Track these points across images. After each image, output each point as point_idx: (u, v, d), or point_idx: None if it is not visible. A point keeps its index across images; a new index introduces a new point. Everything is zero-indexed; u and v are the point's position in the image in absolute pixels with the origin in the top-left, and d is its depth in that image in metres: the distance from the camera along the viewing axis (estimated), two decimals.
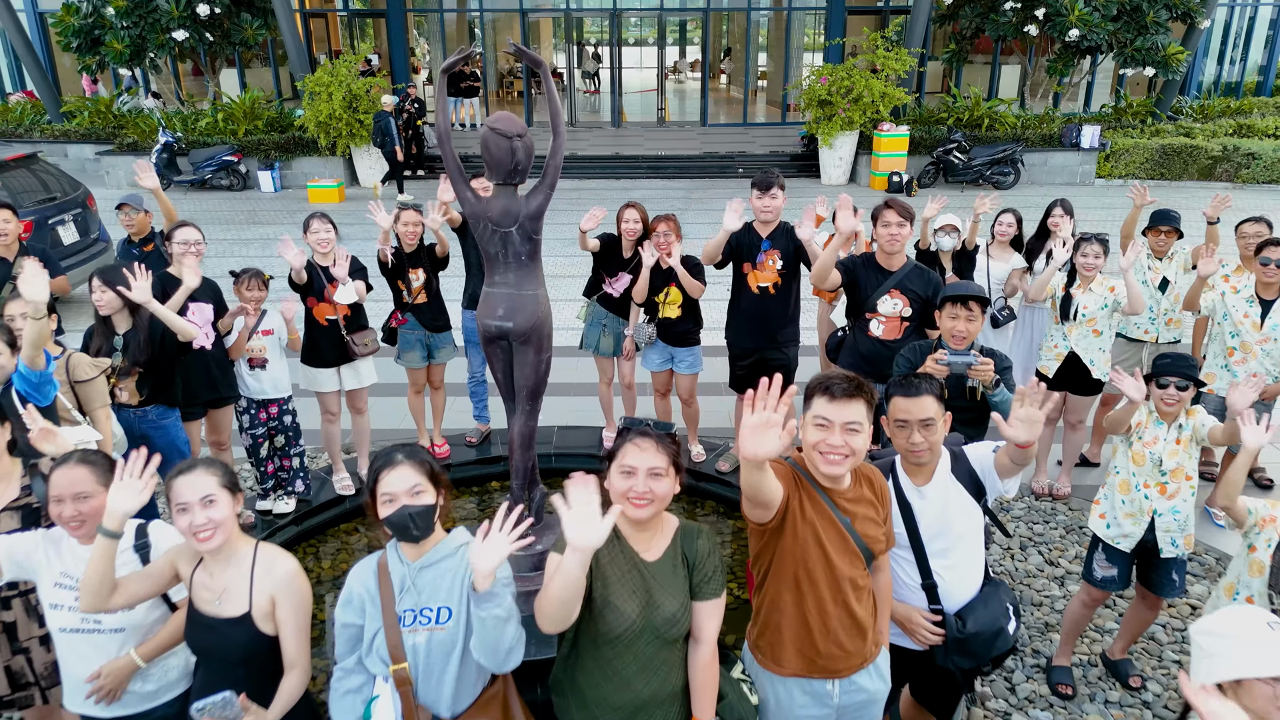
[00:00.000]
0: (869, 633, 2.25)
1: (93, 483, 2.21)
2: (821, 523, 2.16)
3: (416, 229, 4.90)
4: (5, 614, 2.48)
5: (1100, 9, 14.88)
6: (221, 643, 2.09)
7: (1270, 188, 14.51)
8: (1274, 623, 1.72)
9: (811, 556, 2.15)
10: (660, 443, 2.06)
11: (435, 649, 2.06)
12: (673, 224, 4.82)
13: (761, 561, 2.25)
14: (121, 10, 14.71)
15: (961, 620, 2.45)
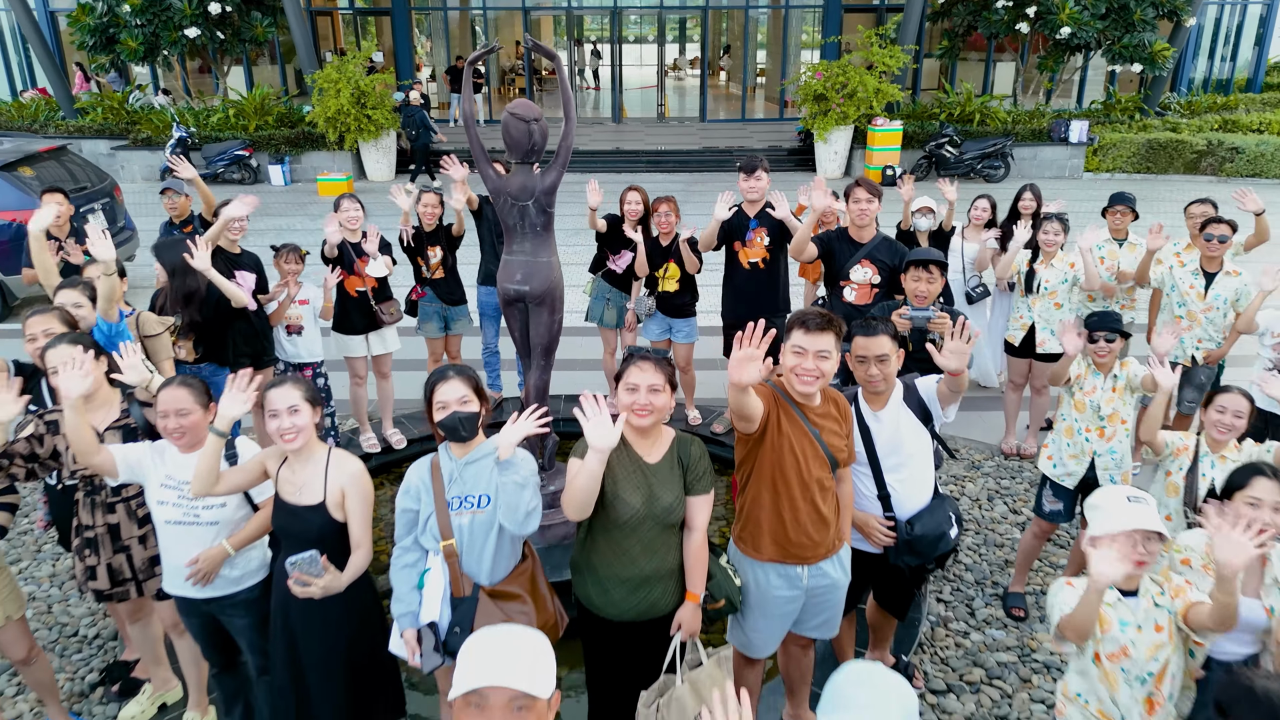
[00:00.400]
0: (832, 528, 2.70)
1: (191, 401, 2.67)
2: (795, 433, 2.61)
3: (436, 210, 5.35)
4: (110, 517, 2.93)
5: (1089, 7, 15.32)
6: (301, 525, 2.55)
7: (1253, 181, 14.94)
8: (1133, 497, 2.25)
9: (786, 461, 2.60)
10: (658, 364, 2.51)
11: (477, 528, 2.51)
12: (672, 205, 5.27)
13: (745, 467, 2.70)
14: (136, 9, 15.15)
15: (910, 525, 2.91)
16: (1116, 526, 2.23)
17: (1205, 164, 15.34)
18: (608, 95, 22.29)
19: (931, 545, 2.89)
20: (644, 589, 2.54)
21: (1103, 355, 3.65)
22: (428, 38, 24.29)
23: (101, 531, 2.92)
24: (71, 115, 17.29)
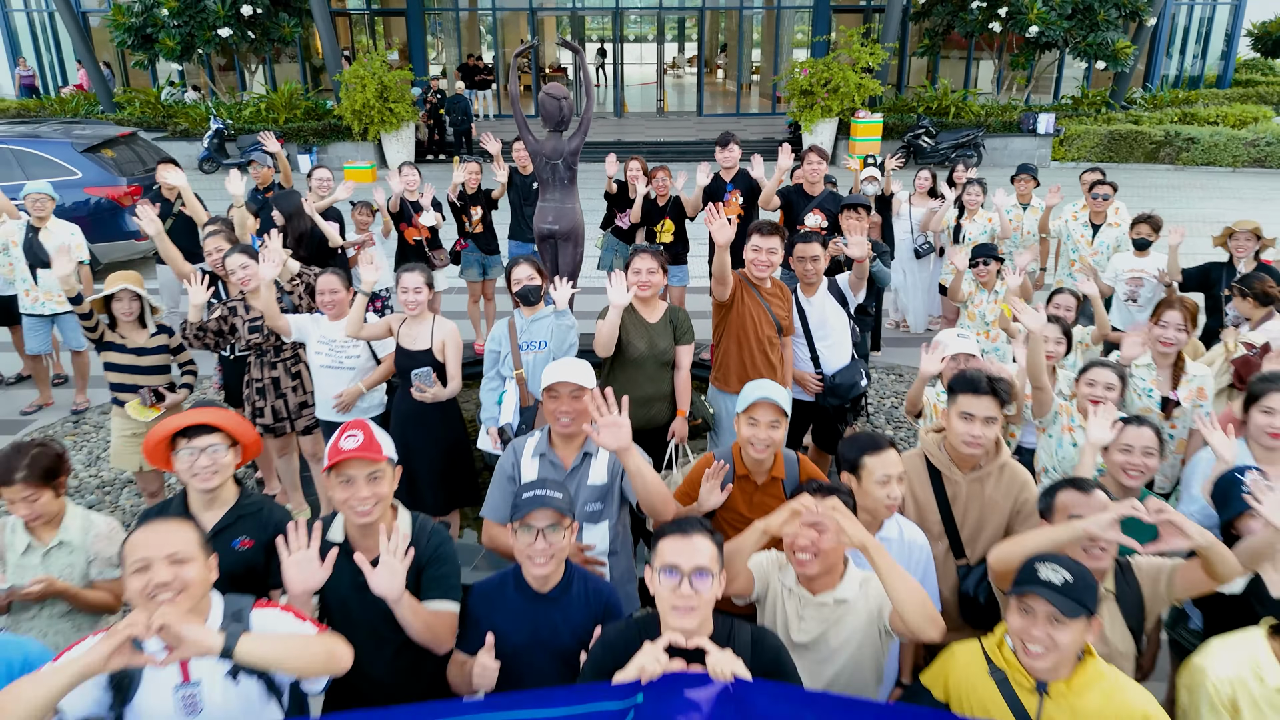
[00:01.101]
0: (778, 372, 3.94)
1: (339, 284, 3.92)
2: (753, 304, 3.86)
3: (477, 177, 6.58)
4: (273, 372, 4.16)
5: (1056, 8, 16.56)
6: (415, 363, 3.78)
7: (1207, 169, 16.18)
8: (962, 334, 3.48)
9: (746, 322, 3.84)
10: (654, 254, 3.74)
11: (538, 363, 3.73)
12: (666, 172, 6.49)
13: (720, 328, 3.95)
14: (174, 10, 16.39)
15: (833, 378, 4.15)
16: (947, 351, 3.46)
17: (1163, 153, 16.58)
18: (609, 91, 23.51)
19: (847, 391, 4.12)
20: (647, 406, 3.77)
21: (983, 276, 4.89)
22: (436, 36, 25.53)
23: (268, 383, 4.16)
24: (110, 109, 18.53)
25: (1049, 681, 1.92)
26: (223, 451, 2.45)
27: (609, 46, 25.15)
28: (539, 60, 23.52)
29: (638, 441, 2.59)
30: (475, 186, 6.58)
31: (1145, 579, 2.30)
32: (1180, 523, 2.10)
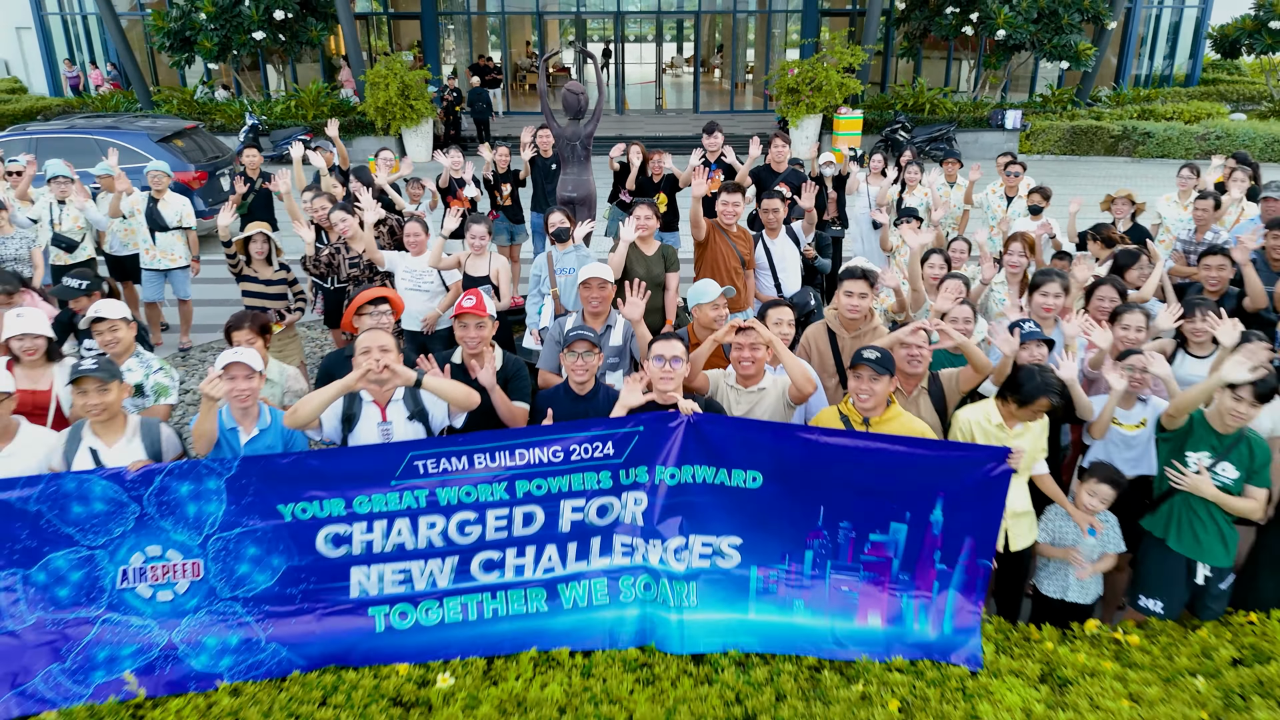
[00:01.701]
0: (742, 297, 5.37)
1: (419, 229, 5.36)
2: (722, 242, 5.29)
3: (506, 159, 8.02)
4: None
5: (1022, 13, 18.00)
6: (476, 284, 5.22)
7: (1161, 161, 17.60)
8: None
9: (718, 256, 5.28)
10: (651, 206, 5.17)
11: (568, 283, 5.16)
12: (661, 154, 7.92)
13: (699, 263, 5.38)
14: (211, 15, 17.82)
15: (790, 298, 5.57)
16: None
17: (1121, 147, 18.02)
18: (611, 89, 24.93)
19: (800, 308, 5.55)
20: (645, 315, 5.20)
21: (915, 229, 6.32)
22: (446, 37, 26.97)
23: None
24: (148, 106, 19.94)
25: (870, 417, 3.35)
26: (389, 315, 3.90)
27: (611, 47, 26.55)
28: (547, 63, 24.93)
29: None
30: (505, 167, 8.01)
31: (945, 380, 3.73)
32: (949, 331, 3.58)
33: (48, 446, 3.37)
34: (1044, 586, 3.70)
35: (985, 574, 3.31)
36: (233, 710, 3.08)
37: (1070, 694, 3.11)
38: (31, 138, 10.87)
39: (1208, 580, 3.47)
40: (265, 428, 3.51)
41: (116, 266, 7.73)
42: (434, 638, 3.37)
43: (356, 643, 3.35)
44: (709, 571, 3.41)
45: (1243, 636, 3.40)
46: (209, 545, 3.25)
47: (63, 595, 3.22)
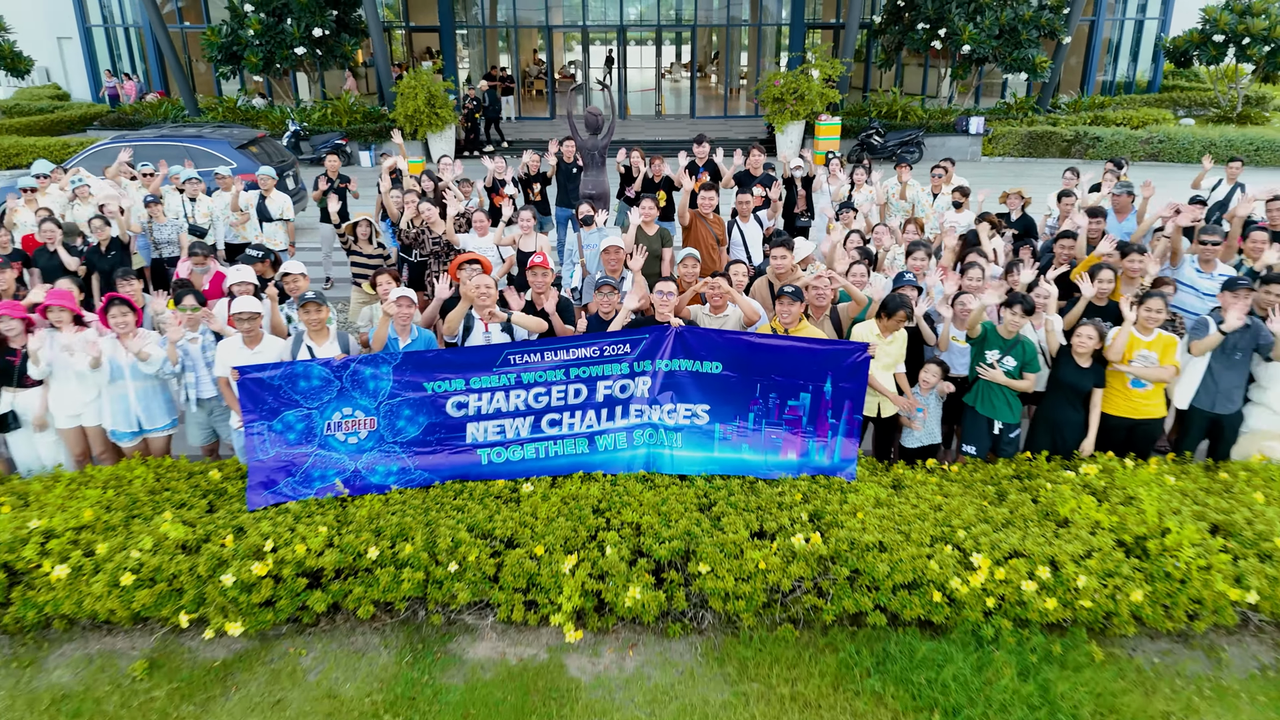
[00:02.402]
0: (718, 265, 7.40)
1: (484, 217, 7.40)
2: (702, 226, 7.33)
3: (535, 162, 10.05)
4: (441, 267, 7.62)
5: (985, 29, 20.03)
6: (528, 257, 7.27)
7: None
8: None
9: (699, 236, 7.31)
10: (653, 199, 7.20)
11: (592, 255, 7.20)
12: (661, 159, 9.95)
13: (685, 240, 7.42)
14: (258, 32, 19.86)
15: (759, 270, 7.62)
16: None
17: (1074, 150, 20.04)
18: (614, 95, 26.95)
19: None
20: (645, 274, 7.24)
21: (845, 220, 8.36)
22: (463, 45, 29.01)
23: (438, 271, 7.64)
24: (195, 113, 21.97)
25: (789, 328, 5.39)
26: (480, 271, 5.93)
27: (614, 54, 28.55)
28: (552, 70, 26.99)
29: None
30: (535, 169, 10.05)
31: (841, 310, 5.77)
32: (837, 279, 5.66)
33: (281, 346, 5.41)
34: (904, 441, 5.73)
35: (859, 424, 5.34)
36: (400, 500, 5.13)
37: (905, 492, 5.16)
38: (133, 145, 12.88)
39: (1001, 432, 5.50)
40: (415, 338, 5.54)
41: (229, 252, 9.75)
42: (518, 468, 5.41)
43: (470, 470, 5.39)
44: (688, 427, 5.45)
45: (1021, 466, 5.45)
46: (380, 408, 5.29)
47: (291, 438, 5.25)
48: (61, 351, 5.37)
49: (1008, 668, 4.50)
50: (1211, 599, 4.60)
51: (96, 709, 4.52)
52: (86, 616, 4.80)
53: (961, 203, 9.06)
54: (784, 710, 4.43)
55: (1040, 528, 4.86)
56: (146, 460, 5.54)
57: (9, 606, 4.80)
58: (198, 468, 5.53)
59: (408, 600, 4.87)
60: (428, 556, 4.72)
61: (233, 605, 4.67)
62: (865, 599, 4.66)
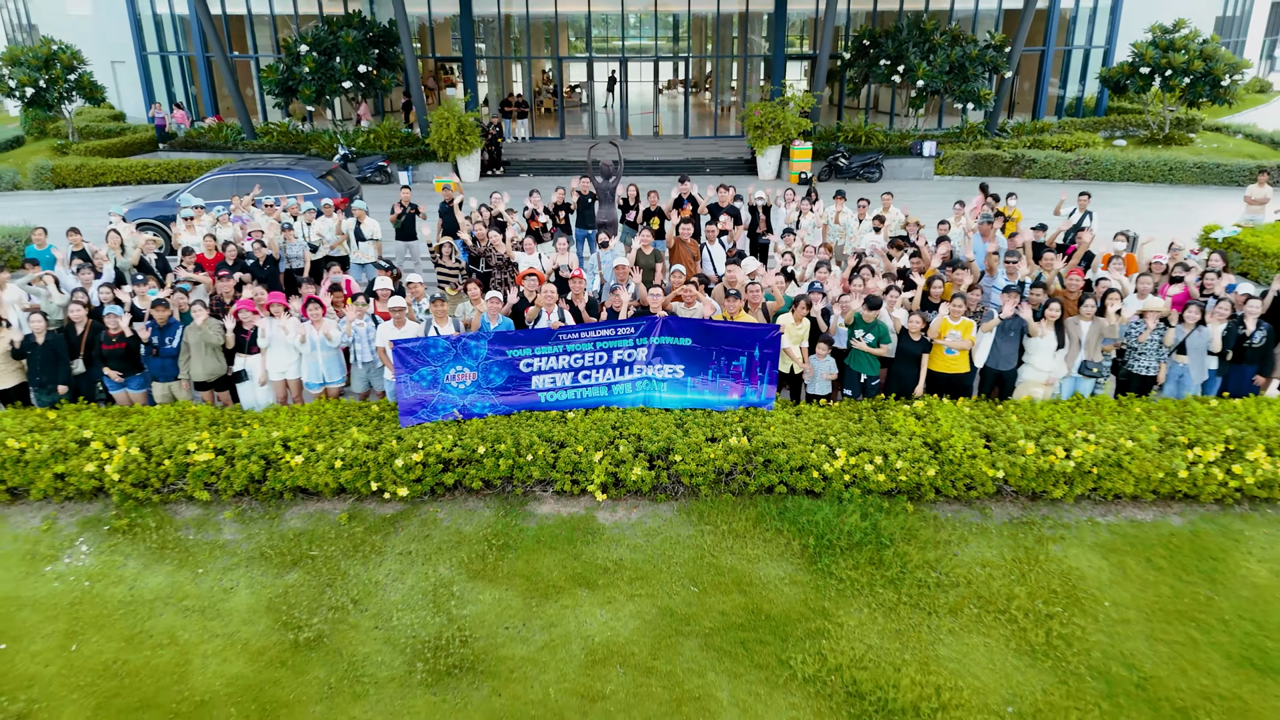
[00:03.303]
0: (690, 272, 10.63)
1: (531, 241, 10.64)
2: (681, 247, 10.57)
3: (561, 195, 13.31)
4: (502, 275, 10.84)
5: (937, 66, 23.27)
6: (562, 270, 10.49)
7: (1044, 181, 22.84)
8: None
9: (681, 255, 10.55)
10: (649, 230, 10.42)
11: (608, 268, 10.43)
12: (655, 193, 13.20)
13: (670, 258, 10.66)
14: (312, 70, 23.10)
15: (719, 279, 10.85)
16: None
17: (1014, 169, 23.28)
18: (617, 116, 30.19)
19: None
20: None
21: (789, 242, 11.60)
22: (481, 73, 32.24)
23: (500, 280, 10.87)
24: (251, 137, 25.22)
25: (735, 317, 8.63)
26: (537, 280, 9.14)
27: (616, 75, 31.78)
28: (562, 86, 30.27)
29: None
30: (561, 200, 13.29)
31: (769, 306, 9.00)
32: (760, 287, 8.92)
33: (417, 328, 8.66)
34: (808, 390, 8.97)
35: (776, 376, 8.57)
36: (494, 421, 8.38)
37: (802, 417, 8.42)
38: (234, 176, 16.11)
39: (865, 381, 8.75)
40: (500, 323, 8.80)
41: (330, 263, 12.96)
42: (563, 403, 8.65)
43: (534, 405, 8.63)
44: (670, 379, 8.69)
45: (877, 403, 8.71)
46: (479, 366, 8.52)
47: (424, 385, 8.48)
48: (278, 330, 8.62)
49: (854, 514, 7.75)
50: (978, 475, 7.85)
51: (319, 539, 7.78)
52: (311, 488, 8.06)
53: (879, 227, 12.30)
54: (723, 539, 7.68)
55: (880, 435, 8.11)
56: (328, 400, 8.80)
57: (263, 483, 8.05)
58: (363, 405, 8.78)
59: (501, 479, 8.12)
60: (513, 452, 7.97)
61: (399, 480, 7.92)
62: (773, 477, 7.92)
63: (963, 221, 12.32)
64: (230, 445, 7.98)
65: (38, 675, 6.49)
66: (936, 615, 6.87)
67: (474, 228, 11.13)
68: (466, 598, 7.13)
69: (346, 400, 8.92)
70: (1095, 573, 7.39)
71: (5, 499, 8.27)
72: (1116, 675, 6.30)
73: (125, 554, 7.73)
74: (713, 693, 6.18)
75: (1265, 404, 8.44)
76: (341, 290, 9.34)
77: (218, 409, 8.65)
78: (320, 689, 6.32)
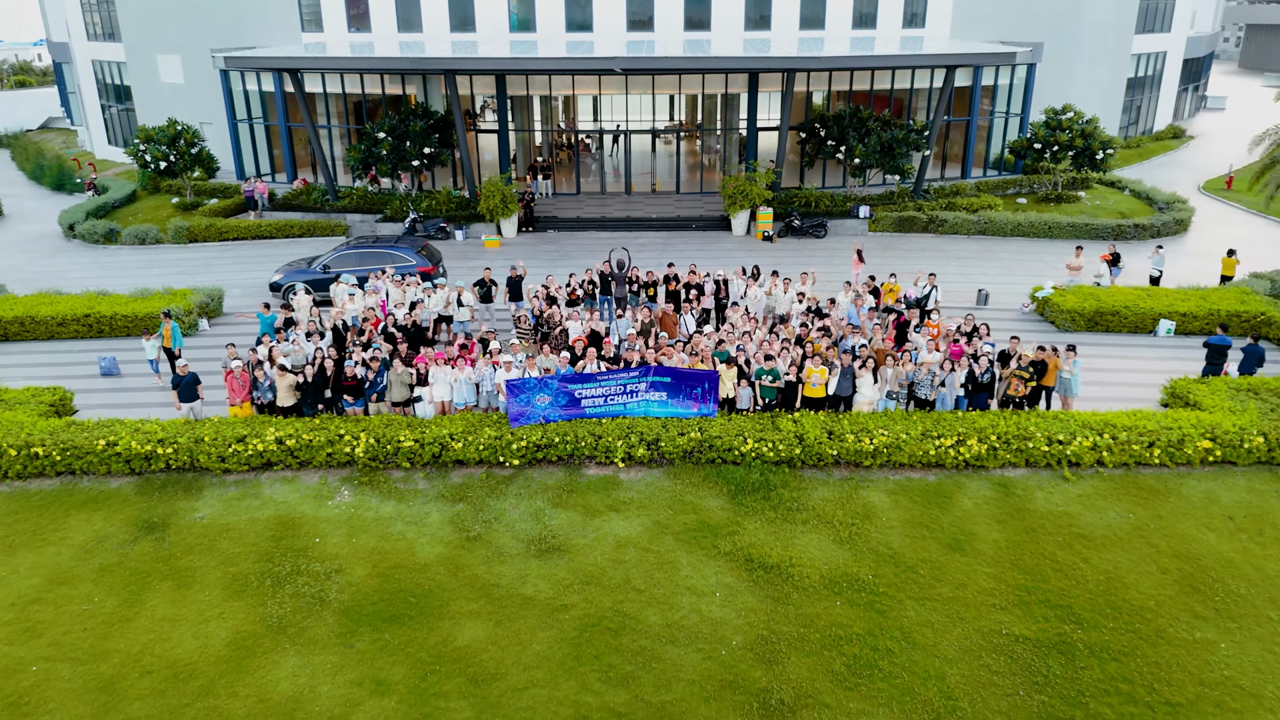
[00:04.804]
0: (672, 334, 17.44)
1: (571, 311, 17.48)
2: (667, 317, 17.44)
3: (590, 273, 20.18)
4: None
5: (871, 147, 30.08)
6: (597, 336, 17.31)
7: (953, 237, 29.61)
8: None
9: (666, 323, 17.42)
10: (649, 301, 17.23)
11: (624, 334, 17.26)
12: (652, 271, 20.04)
13: (659, 322, 17.52)
14: (388, 151, 29.95)
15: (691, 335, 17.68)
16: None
17: (930, 227, 30.08)
18: (622, 176, 37.01)
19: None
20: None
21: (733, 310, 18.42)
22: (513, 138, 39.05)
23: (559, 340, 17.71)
24: (335, 199, 32.00)
25: (693, 366, 15.54)
26: (583, 341, 15.97)
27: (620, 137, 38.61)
28: (577, 149, 37.22)
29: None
30: (590, 277, 20.14)
31: (714, 360, 15.83)
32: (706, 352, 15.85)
33: (519, 371, 15.53)
34: (737, 406, 15.78)
35: (717, 398, 15.41)
36: (560, 425, 15.26)
37: (732, 421, 15.30)
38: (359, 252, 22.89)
39: (767, 402, 15.61)
40: (567, 368, 15.65)
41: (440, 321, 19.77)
42: (599, 415, 15.52)
43: (583, 415, 15.50)
44: (658, 400, 15.50)
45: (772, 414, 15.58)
46: (552, 393, 15.36)
47: (523, 403, 15.32)
48: (439, 372, 15.48)
49: (756, 474, 14.62)
50: (824, 453, 14.70)
51: (471, 487, 14.67)
52: (466, 461, 14.94)
53: (803, 293, 19.15)
54: (687, 487, 14.54)
55: (772, 431, 14.95)
56: (469, 413, 15.66)
57: (439, 458, 14.91)
58: (486, 415, 15.62)
59: (567, 455, 15.01)
60: (573, 440, 14.84)
61: (511, 455, 14.80)
62: (713, 454, 14.80)
63: (849, 294, 19.13)
64: (419, 437, 14.84)
65: (338, 552, 13.36)
66: (794, 525, 13.75)
67: (539, 303, 17.96)
68: (551, 516, 14.01)
69: (478, 413, 15.78)
70: (881, 504, 14.26)
71: (295, 466, 15.13)
72: (881, 553, 13.19)
73: (368, 495, 14.61)
74: (679, 560, 13.08)
75: (983, 415, 15.28)
76: (467, 347, 16.15)
77: (407, 417, 15.51)
78: (481, 559, 13.19)
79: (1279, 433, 14.61)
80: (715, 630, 11.93)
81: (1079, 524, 13.86)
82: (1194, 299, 21.01)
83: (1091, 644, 11.81)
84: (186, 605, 12.64)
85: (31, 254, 29.28)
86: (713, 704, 10.89)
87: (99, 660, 11.75)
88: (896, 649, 11.69)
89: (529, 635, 11.91)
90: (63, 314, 20.67)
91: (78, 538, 13.87)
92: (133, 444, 14.63)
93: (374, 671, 11.45)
